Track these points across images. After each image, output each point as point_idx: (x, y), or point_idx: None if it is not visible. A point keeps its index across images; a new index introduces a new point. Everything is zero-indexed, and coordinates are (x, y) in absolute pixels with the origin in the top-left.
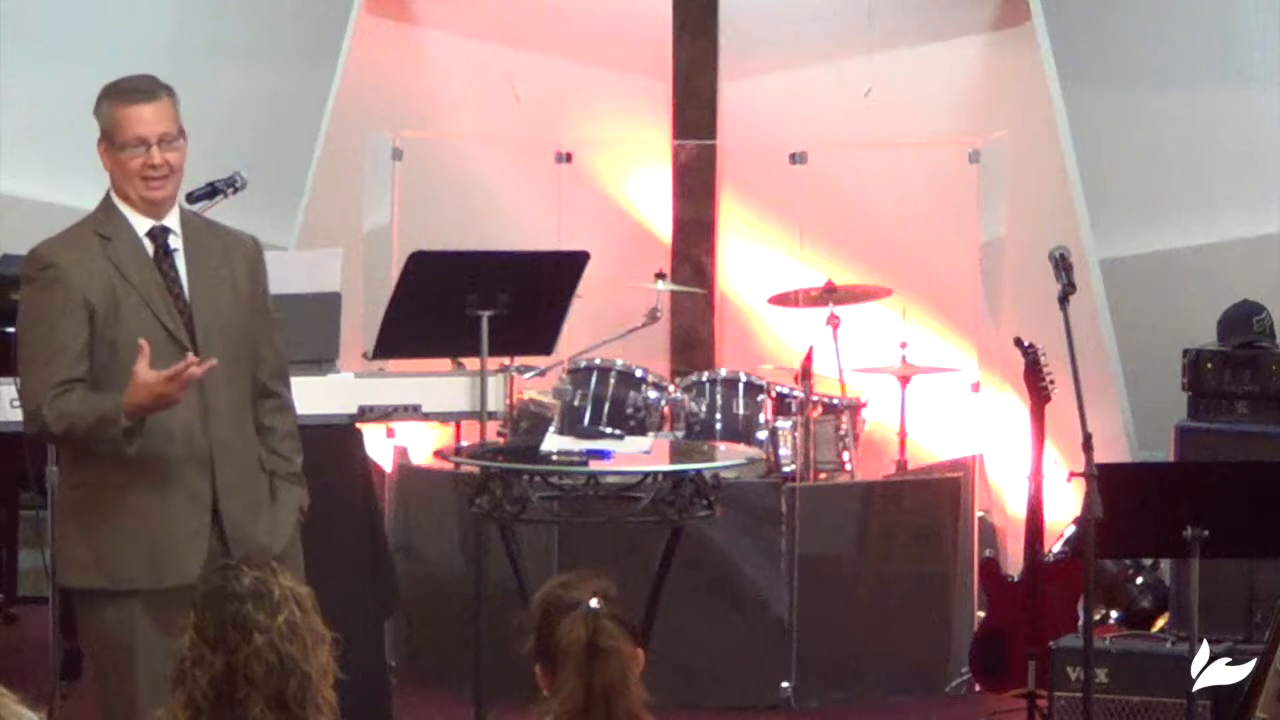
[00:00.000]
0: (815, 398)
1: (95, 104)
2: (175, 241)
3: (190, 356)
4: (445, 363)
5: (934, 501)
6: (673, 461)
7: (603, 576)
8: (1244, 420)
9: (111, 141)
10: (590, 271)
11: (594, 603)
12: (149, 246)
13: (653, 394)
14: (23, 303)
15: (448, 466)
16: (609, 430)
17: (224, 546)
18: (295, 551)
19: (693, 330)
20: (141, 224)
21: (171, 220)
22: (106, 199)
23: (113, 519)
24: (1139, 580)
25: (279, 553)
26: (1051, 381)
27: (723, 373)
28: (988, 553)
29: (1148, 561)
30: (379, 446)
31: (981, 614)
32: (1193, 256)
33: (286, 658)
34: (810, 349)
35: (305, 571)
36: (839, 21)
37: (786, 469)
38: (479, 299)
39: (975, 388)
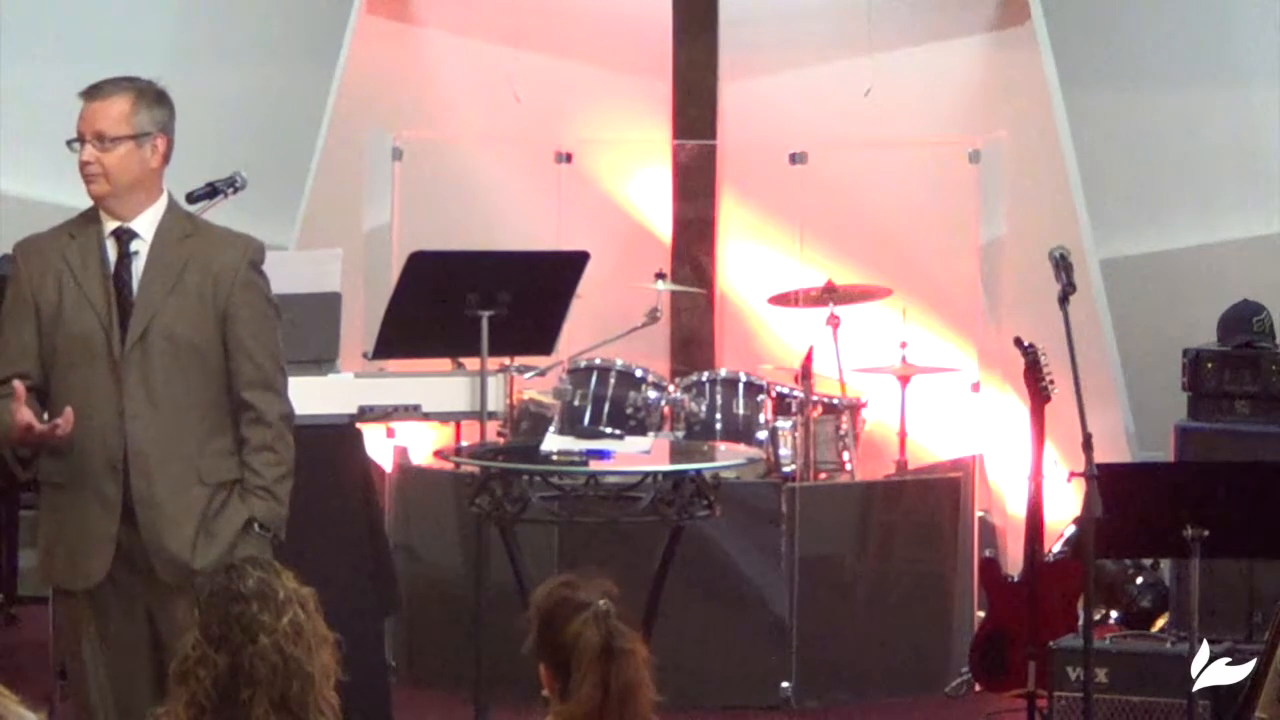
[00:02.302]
0: (815, 398)
1: None
2: (138, 245)
3: (53, 422)
4: (445, 363)
5: (934, 501)
6: (673, 461)
7: (603, 576)
8: (1244, 420)
9: None
10: (590, 271)
11: (603, 604)
12: (112, 248)
13: (653, 394)
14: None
15: (448, 466)
16: (609, 430)
17: (144, 553)
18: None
19: (693, 330)
20: (110, 225)
21: (142, 223)
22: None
23: (46, 519)
24: (1139, 580)
25: (205, 565)
26: (1051, 381)
27: (723, 373)
28: (988, 553)
29: (1148, 561)
30: (379, 446)
31: (981, 614)
32: (1193, 256)
33: (290, 659)
34: (810, 349)
35: (305, 572)
36: (839, 21)
37: (786, 469)
38: (479, 299)
39: (975, 388)
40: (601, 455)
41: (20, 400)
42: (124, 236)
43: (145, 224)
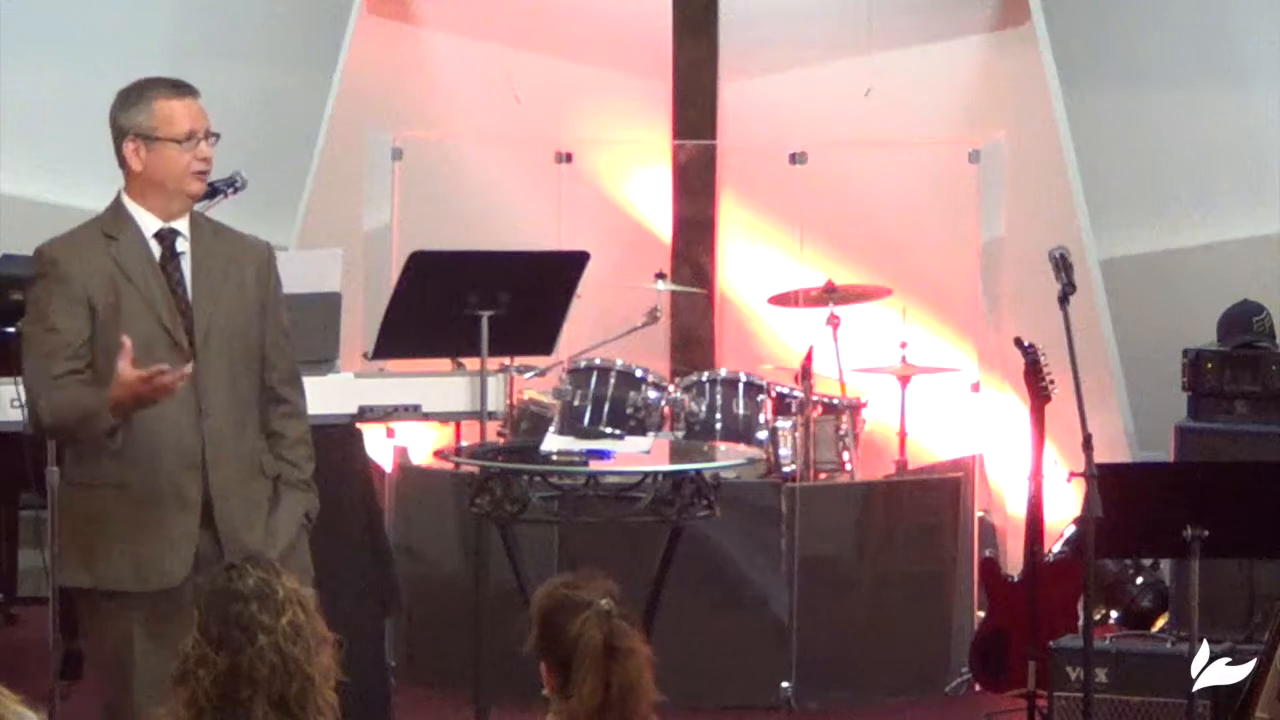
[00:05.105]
0: (815, 398)
1: (127, 101)
2: (182, 244)
3: (165, 366)
4: (445, 363)
5: (934, 501)
6: (673, 461)
7: (603, 576)
8: (1244, 420)
9: (153, 138)
10: (590, 271)
11: (605, 603)
12: (155, 248)
13: (653, 394)
14: (29, 301)
15: (448, 466)
16: (609, 430)
17: (218, 549)
18: (301, 558)
19: (693, 330)
20: (150, 225)
21: (181, 223)
22: (116, 200)
23: (103, 519)
24: (1139, 580)
25: (275, 557)
26: (1051, 381)
27: (723, 373)
28: (988, 553)
29: (1148, 561)
30: (379, 446)
31: (981, 614)
32: (1193, 256)
33: (290, 659)
34: (810, 349)
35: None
36: (839, 21)
37: (786, 469)
38: (479, 299)
39: (975, 388)
40: (601, 455)
41: (127, 356)
42: (168, 237)
43: (184, 224)
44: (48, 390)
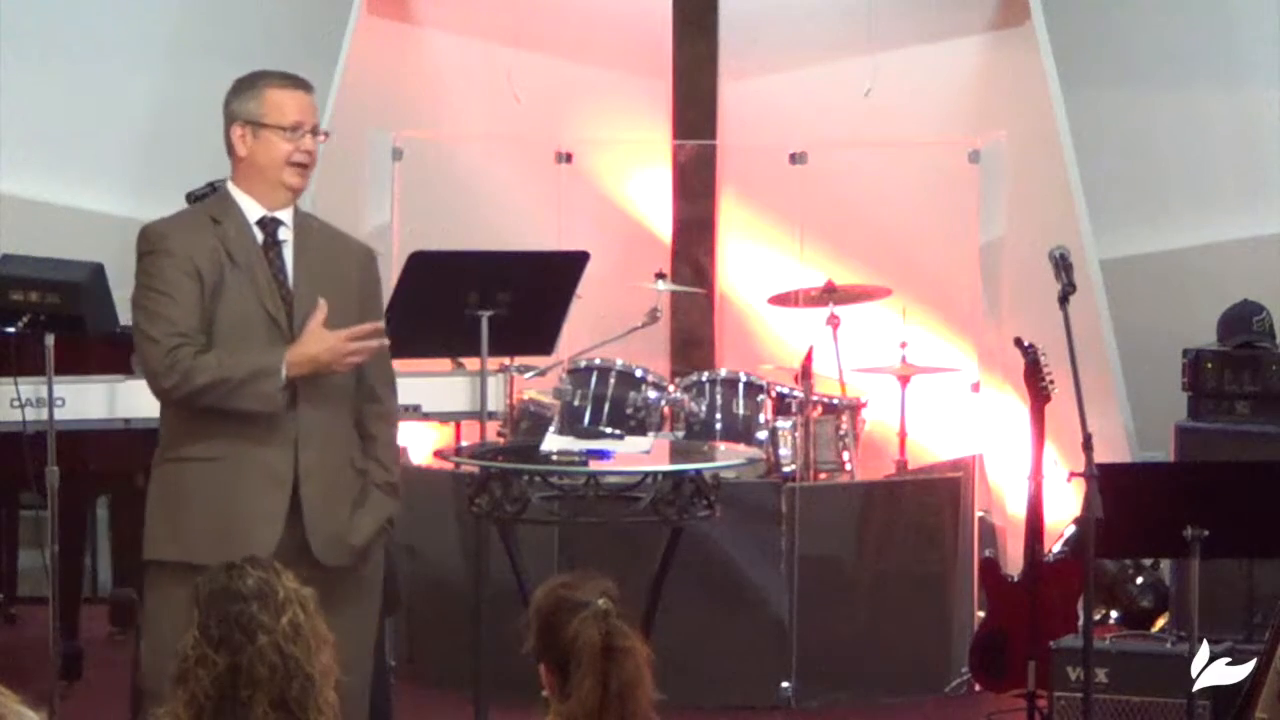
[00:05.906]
0: (815, 398)
1: (240, 88)
2: (284, 233)
3: (377, 324)
4: (445, 363)
5: (934, 501)
6: (673, 461)
7: (603, 576)
8: (1244, 420)
9: (260, 125)
10: (590, 271)
11: (603, 603)
12: (258, 234)
13: (653, 394)
14: (138, 276)
15: (448, 466)
16: (609, 430)
17: (300, 536)
18: (375, 563)
19: (693, 330)
20: (254, 212)
21: (284, 214)
22: (222, 189)
23: (193, 495)
24: (1139, 580)
25: (357, 547)
26: (1051, 381)
27: (723, 373)
28: (988, 553)
29: (1148, 561)
30: None
31: (981, 614)
32: (1193, 256)
33: (290, 659)
34: (810, 349)
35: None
36: (839, 21)
37: (786, 469)
38: (479, 299)
39: (975, 388)
40: (601, 455)
41: (321, 313)
42: (270, 225)
43: (287, 215)
44: (194, 353)
